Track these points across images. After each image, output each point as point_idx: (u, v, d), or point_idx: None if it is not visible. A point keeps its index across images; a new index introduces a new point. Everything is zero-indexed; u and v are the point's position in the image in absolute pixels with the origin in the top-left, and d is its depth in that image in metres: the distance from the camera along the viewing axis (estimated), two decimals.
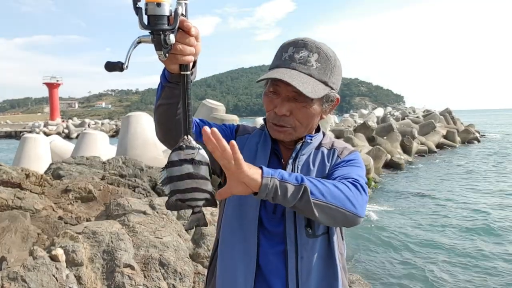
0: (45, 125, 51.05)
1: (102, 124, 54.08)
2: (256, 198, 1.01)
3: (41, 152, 10.61)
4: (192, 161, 0.92)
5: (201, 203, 0.97)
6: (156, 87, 1.11)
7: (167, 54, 0.91)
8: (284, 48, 1.20)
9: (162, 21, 0.87)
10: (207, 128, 0.90)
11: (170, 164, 0.93)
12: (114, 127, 49.31)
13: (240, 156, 0.92)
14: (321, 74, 1.15)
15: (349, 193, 1.06)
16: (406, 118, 29.07)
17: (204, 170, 0.93)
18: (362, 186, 1.10)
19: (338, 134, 16.78)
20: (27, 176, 5.28)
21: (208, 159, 0.94)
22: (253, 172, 0.96)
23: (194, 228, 0.99)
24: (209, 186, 0.95)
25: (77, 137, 18.00)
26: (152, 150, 9.27)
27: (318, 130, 1.32)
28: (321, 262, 1.18)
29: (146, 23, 0.88)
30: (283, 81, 1.12)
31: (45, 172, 6.79)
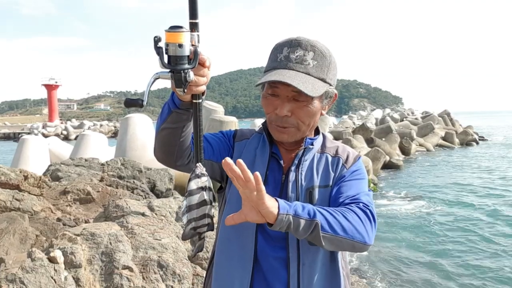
0: (44, 126, 50.90)
1: (101, 125, 53.92)
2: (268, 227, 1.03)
3: (40, 153, 10.59)
4: (205, 188, 0.95)
5: (205, 228, 1.00)
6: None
7: (185, 90, 0.92)
8: (278, 49, 1.18)
9: (183, 61, 0.88)
10: (228, 159, 0.90)
11: (190, 193, 0.94)
12: (113, 128, 49.23)
13: (263, 188, 0.94)
14: (318, 72, 1.14)
15: (359, 224, 1.07)
16: (404, 119, 29.17)
17: (211, 196, 0.97)
18: (372, 213, 1.11)
19: (337, 136, 16.81)
20: (26, 177, 5.27)
21: (211, 184, 0.98)
22: (271, 204, 0.97)
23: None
24: (212, 210, 0.98)
25: (75, 138, 17.99)
26: (151, 152, 9.24)
27: (317, 131, 1.30)
28: (324, 270, 1.18)
29: (166, 62, 0.89)
30: (283, 82, 1.10)
31: (44, 174, 6.77)
